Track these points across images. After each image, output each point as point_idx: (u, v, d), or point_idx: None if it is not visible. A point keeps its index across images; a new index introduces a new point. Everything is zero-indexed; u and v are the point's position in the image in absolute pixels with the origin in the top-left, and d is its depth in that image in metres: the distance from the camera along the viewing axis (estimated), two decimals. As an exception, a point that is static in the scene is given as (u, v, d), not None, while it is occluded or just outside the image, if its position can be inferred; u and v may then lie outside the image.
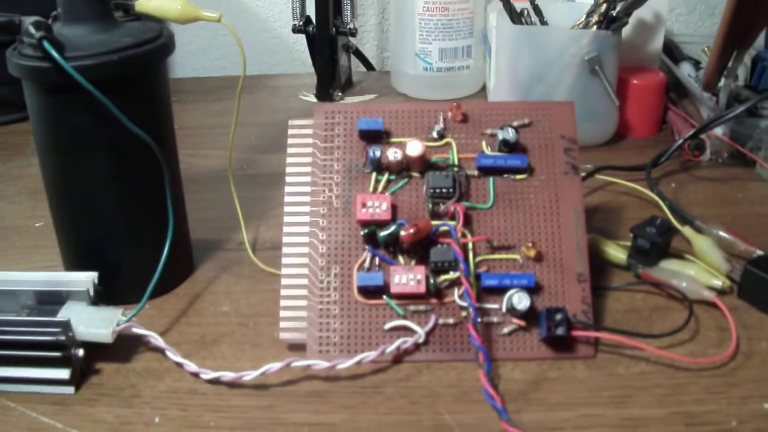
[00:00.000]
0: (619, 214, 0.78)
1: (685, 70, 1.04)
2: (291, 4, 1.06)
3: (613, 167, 0.84)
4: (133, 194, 0.64)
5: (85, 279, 0.61)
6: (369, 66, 1.24)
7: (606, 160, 0.86)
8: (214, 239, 0.76)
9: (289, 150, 0.63)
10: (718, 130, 0.87)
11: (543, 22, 0.94)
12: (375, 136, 0.62)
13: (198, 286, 0.69)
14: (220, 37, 1.26)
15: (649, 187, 0.79)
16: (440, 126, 0.63)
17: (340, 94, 1.09)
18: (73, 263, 0.67)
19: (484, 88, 1.12)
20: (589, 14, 0.90)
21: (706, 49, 1.07)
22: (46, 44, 0.55)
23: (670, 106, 0.99)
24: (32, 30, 0.56)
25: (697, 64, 1.07)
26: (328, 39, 1.06)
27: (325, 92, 1.08)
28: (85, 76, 0.55)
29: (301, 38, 1.11)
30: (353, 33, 1.07)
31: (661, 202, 0.77)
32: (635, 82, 0.95)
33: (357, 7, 1.07)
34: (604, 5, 0.88)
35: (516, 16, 0.93)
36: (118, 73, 0.59)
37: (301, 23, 1.07)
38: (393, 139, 0.63)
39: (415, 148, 0.60)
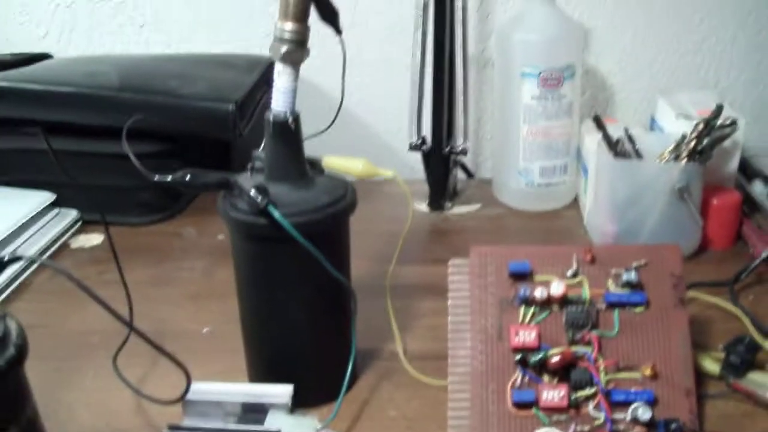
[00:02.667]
0: (708, 327, 0.91)
1: (757, 188, 1.17)
2: (409, 124, 1.20)
3: (699, 284, 0.97)
4: (323, 318, 0.78)
5: (285, 392, 0.73)
6: (468, 173, 1.37)
7: (691, 274, 0.98)
8: (369, 349, 0.87)
9: (450, 285, 0.77)
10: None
11: (635, 150, 1.07)
12: (522, 275, 0.76)
13: (364, 393, 0.81)
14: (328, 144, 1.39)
15: (732, 301, 0.92)
16: (574, 267, 0.77)
17: (449, 204, 1.23)
18: (263, 375, 0.80)
19: (576, 200, 1.26)
20: (678, 146, 1.03)
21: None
22: (271, 209, 0.69)
23: (744, 220, 1.12)
24: (256, 195, 0.69)
25: (766, 179, 1.19)
26: (442, 158, 1.20)
27: (436, 203, 1.22)
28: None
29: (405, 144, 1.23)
30: (464, 152, 1.20)
31: (744, 317, 0.90)
32: (715, 202, 1.09)
33: (469, 130, 1.20)
34: (694, 141, 1.01)
35: (613, 146, 1.06)
36: (319, 227, 0.72)
37: (418, 142, 1.20)
38: (537, 277, 0.76)
39: (558, 288, 0.74)
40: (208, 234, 1.16)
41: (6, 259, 0.58)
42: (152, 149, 1.16)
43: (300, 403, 0.74)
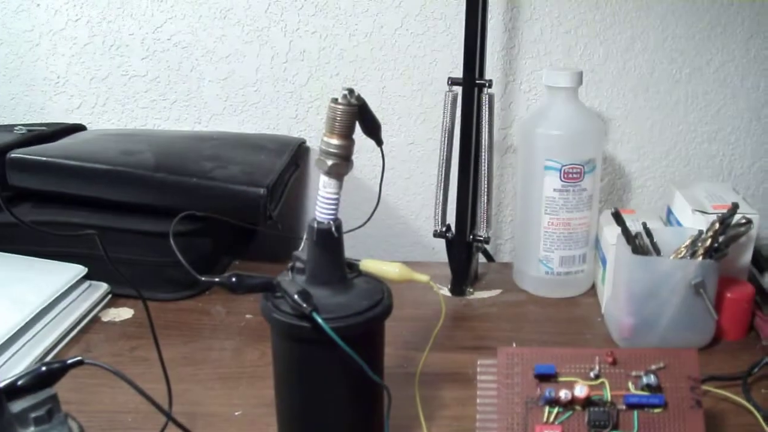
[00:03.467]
0: (721, 421, 0.93)
1: (769, 280, 1.21)
2: (434, 211, 1.24)
3: (714, 377, 1.00)
4: (357, 416, 0.81)
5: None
6: (489, 257, 1.41)
7: (703, 365, 0.99)
8: None
9: (479, 384, 0.80)
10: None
11: (653, 243, 1.11)
12: (547, 377, 0.80)
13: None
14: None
15: (744, 396, 0.96)
16: (596, 369, 0.80)
17: (471, 290, 1.26)
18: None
19: (593, 287, 1.29)
20: (694, 243, 1.07)
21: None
22: (315, 316, 0.72)
23: (756, 311, 1.16)
24: (301, 301, 0.73)
25: (779, 270, 1.23)
26: (465, 246, 1.24)
27: (459, 288, 1.25)
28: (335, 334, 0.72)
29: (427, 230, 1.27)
30: (487, 241, 1.24)
31: (756, 412, 0.93)
32: (729, 295, 1.12)
33: (492, 218, 1.24)
34: (710, 239, 1.05)
35: (631, 240, 1.10)
36: (358, 331, 0.76)
37: (442, 229, 1.24)
38: (561, 378, 0.80)
39: (581, 391, 0.78)
40: (236, 312, 1.20)
41: (69, 362, 0.62)
42: (183, 228, 1.19)
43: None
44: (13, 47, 1.46)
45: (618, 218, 1.09)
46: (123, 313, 1.20)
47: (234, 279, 0.73)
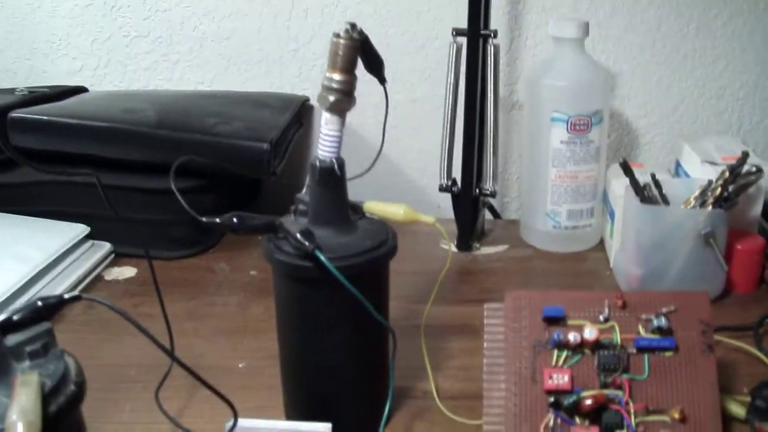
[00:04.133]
0: (734, 370, 0.92)
1: (780, 233, 1.19)
2: (440, 166, 1.22)
3: (725, 328, 0.99)
4: (362, 359, 0.80)
5: (324, 429, 0.74)
6: (495, 214, 1.40)
7: (714, 316, 0.99)
8: (402, 387, 0.88)
9: (486, 328, 0.79)
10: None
11: (662, 195, 1.10)
12: (556, 320, 0.78)
13: (398, 431, 0.83)
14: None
15: (756, 346, 0.95)
16: (606, 312, 0.79)
17: (477, 245, 1.25)
18: (301, 413, 0.82)
19: (602, 242, 1.28)
20: (704, 193, 1.06)
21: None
22: (318, 253, 0.71)
23: (767, 264, 1.14)
24: (303, 240, 0.72)
25: (789, 224, 1.21)
26: (471, 200, 1.22)
27: (465, 244, 1.24)
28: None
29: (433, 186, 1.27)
30: (493, 194, 1.23)
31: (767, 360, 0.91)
32: (739, 247, 1.11)
33: (498, 172, 1.23)
34: (719, 188, 1.04)
35: (640, 191, 1.08)
36: (362, 271, 0.74)
37: (448, 183, 1.23)
38: (569, 322, 0.79)
39: (591, 333, 0.76)
40: (241, 269, 1.19)
41: (66, 297, 0.60)
42: (186, 185, 1.17)
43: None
44: (14, 10, 1.45)
45: (626, 168, 1.07)
46: (126, 272, 1.19)
47: (235, 219, 0.72)
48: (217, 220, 0.73)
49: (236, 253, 1.23)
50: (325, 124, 0.75)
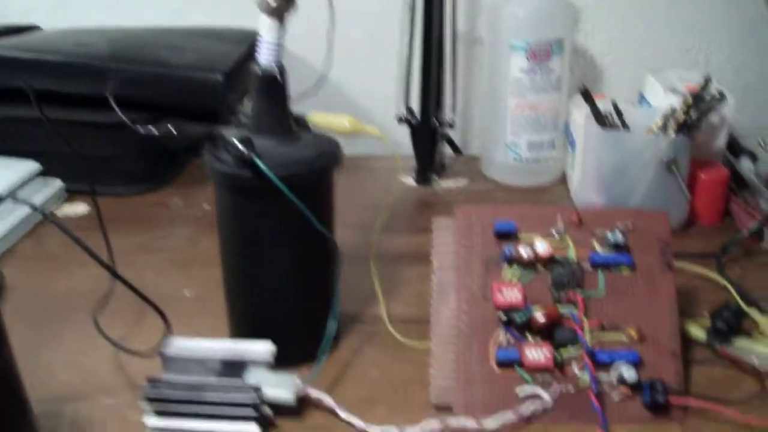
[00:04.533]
0: (696, 296, 0.91)
1: (745, 164, 1.16)
2: (397, 97, 1.19)
3: (687, 254, 0.97)
4: (306, 277, 0.77)
5: (266, 349, 0.73)
6: (456, 149, 1.37)
7: (679, 246, 0.96)
8: (353, 313, 0.87)
9: (435, 243, 0.76)
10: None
11: (623, 122, 1.07)
12: (508, 235, 0.76)
13: (346, 354, 0.81)
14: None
15: (719, 272, 0.92)
16: (560, 228, 0.76)
17: (437, 178, 1.22)
18: (245, 333, 0.79)
19: (564, 176, 1.25)
20: (666, 119, 1.03)
21: (761, 141, 1.19)
22: (256, 160, 0.68)
23: (732, 197, 1.12)
24: (240, 146, 0.69)
25: (754, 157, 1.19)
26: (430, 131, 1.19)
27: (423, 177, 1.21)
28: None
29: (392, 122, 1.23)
30: (452, 125, 1.20)
31: (730, 287, 0.89)
32: (703, 177, 1.08)
33: (457, 102, 1.20)
34: (682, 113, 1.01)
35: (601, 119, 1.06)
36: (303, 181, 0.72)
37: (406, 115, 1.20)
38: (521, 236, 0.76)
39: (543, 248, 0.74)
40: (194, 204, 1.16)
41: None
42: (140, 119, 1.13)
43: (281, 362, 0.73)
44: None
45: (586, 95, 1.05)
46: (78, 209, 1.16)
47: (173, 129, 0.69)
48: (154, 129, 0.70)
49: (191, 188, 1.20)
50: (265, 31, 0.72)
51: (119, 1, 1.42)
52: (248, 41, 1.28)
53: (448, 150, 1.35)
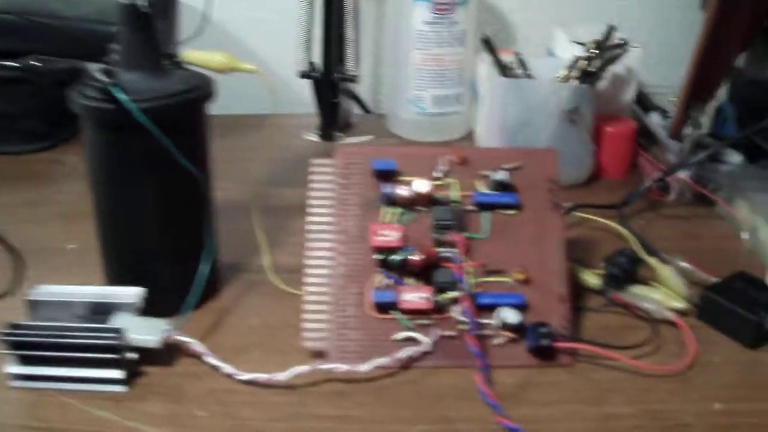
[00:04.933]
0: (595, 247, 0.88)
1: (654, 119, 1.14)
2: (298, 50, 1.16)
3: (589, 205, 0.95)
4: (176, 219, 0.73)
5: (134, 293, 0.70)
6: (365, 109, 1.33)
7: (583, 199, 0.95)
8: (236, 263, 0.84)
9: (312, 185, 0.73)
10: (683, 174, 0.97)
11: (528, 75, 1.04)
12: (387, 175, 0.72)
13: (226, 302, 0.78)
14: (225, 79, 1.35)
15: (620, 224, 0.90)
16: (444, 167, 0.73)
17: (341, 134, 1.19)
18: (117, 279, 0.76)
19: (470, 132, 1.21)
20: (569, 69, 1.01)
21: (673, 99, 1.17)
22: (114, 90, 0.65)
23: (641, 152, 1.10)
24: (102, 76, 0.66)
25: (665, 113, 1.17)
26: (331, 84, 1.16)
27: (327, 133, 1.17)
28: (144, 117, 0.65)
29: (303, 80, 1.19)
30: (355, 79, 1.16)
31: (631, 237, 0.87)
32: (609, 129, 1.06)
33: (360, 56, 1.16)
34: (583, 62, 0.99)
35: (503, 69, 1.03)
36: (171, 114, 0.68)
37: (307, 70, 1.16)
38: (403, 178, 0.73)
39: (422, 186, 0.70)
40: (90, 161, 1.11)
41: None
42: (55, 67, 1.12)
43: (158, 311, 0.70)
44: None
45: (488, 45, 1.02)
46: (-29, 166, 1.11)
47: (38, 64, 0.65)
48: (18, 64, 0.66)
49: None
50: None
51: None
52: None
53: (358, 109, 1.30)
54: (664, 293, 0.76)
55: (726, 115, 1.11)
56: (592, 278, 0.79)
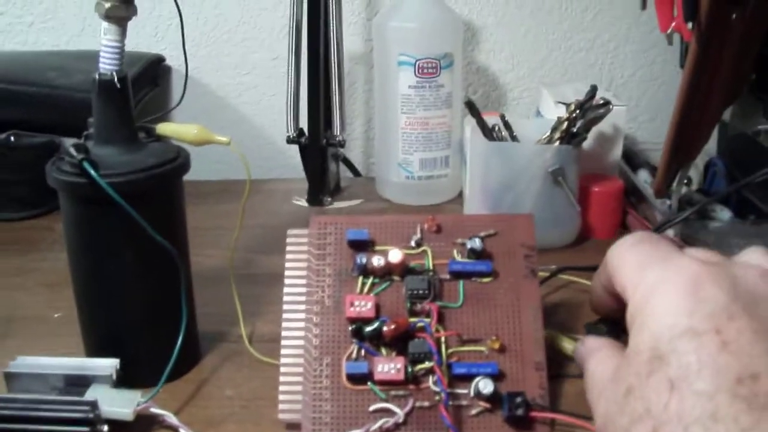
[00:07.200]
0: (579, 311, 0.88)
1: (642, 177, 1.15)
2: (286, 116, 1.17)
3: (573, 267, 0.94)
4: (153, 292, 0.74)
5: (109, 365, 0.70)
6: (356, 172, 1.34)
7: (570, 261, 0.95)
8: (217, 332, 0.84)
9: (288, 255, 0.73)
10: (670, 232, 0.97)
11: (513, 137, 1.05)
12: (362, 245, 0.73)
13: (204, 373, 0.78)
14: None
15: (606, 286, 0.89)
16: (418, 236, 0.73)
17: (329, 199, 1.19)
18: (95, 350, 0.76)
19: (460, 194, 1.22)
20: (553, 130, 1.01)
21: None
22: (85, 165, 0.65)
23: (630, 210, 1.10)
24: (73, 152, 0.67)
25: (654, 170, 1.17)
26: (319, 150, 1.16)
27: (316, 198, 1.18)
28: (116, 191, 0.66)
29: (294, 146, 1.20)
30: (341, 144, 1.17)
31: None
32: (595, 189, 1.06)
33: (346, 121, 1.17)
34: (566, 123, 0.99)
35: (488, 132, 1.03)
36: (143, 189, 0.69)
37: (294, 135, 1.17)
38: (378, 247, 0.73)
39: (395, 256, 0.70)
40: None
41: None
42: (29, 142, 1.13)
43: (134, 382, 0.70)
44: None
45: (471, 108, 1.02)
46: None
47: (12, 137, 0.66)
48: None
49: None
50: (103, 35, 0.70)
51: (15, 26, 1.38)
52: (140, 63, 1.26)
53: (348, 173, 1.31)
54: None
55: (716, 170, 1.12)
56: (570, 345, 0.78)
